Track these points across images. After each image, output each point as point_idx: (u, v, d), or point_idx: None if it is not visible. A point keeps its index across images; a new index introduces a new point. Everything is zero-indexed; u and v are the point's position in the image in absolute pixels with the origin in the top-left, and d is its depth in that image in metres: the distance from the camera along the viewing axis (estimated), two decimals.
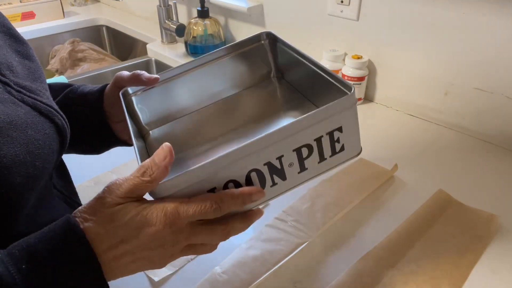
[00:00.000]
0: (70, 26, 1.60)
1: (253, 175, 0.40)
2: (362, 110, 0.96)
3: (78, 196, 0.55)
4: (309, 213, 0.62)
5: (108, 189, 0.37)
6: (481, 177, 0.72)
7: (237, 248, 0.57)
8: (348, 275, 0.53)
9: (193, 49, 1.23)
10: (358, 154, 0.45)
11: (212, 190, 0.39)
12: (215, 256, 0.56)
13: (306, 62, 0.50)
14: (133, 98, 0.55)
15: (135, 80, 0.52)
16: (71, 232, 0.34)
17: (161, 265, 0.39)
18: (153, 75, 0.52)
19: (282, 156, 0.40)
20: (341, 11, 0.94)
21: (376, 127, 0.89)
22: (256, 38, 0.58)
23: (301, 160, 0.42)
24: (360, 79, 0.94)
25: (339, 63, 0.97)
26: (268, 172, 0.41)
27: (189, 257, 0.57)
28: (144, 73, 0.52)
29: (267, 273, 0.53)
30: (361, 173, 0.72)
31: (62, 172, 0.54)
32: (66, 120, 0.46)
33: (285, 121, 0.54)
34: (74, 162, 0.58)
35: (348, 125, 0.42)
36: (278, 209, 0.64)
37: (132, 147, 0.57)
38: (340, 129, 0.42)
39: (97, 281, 0.35)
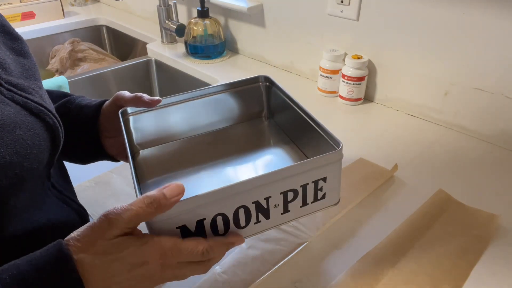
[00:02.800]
0: (70, 26, 1.60)
1: (241, 211, 0.43)
2: (362, 110, 0.96)
3: (76, 196, 0.55)
4: None
5: (106, 219, 0.36)
6: (481, 177, 0.72)
7: (237, 248, 0.57)
8: (348, 275, 0.53)
9: (193, 49, 1.23)
10: (336, 203, 0.49)
11: (202, 220, 0.41)
12: None
13: (298, 111, 0.54)
14: (130, 118, 0.57)
15: (137, 101, 0.53)
16: (63, 264, 0.34)
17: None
18: (156, 97, 0.53)
19: (270, 197, 0.43)
20: (341, 11, 0.94)
21: (376, 127, 0.89)
22: (254, 80, 0.63)
23: (286, 202, 0.45)
24: (360, 79, 0.94)
25: (339, 63, 0.97)
26: (255, 210, 0.43)
27: None
28: (146, 95, 0.53)
29: (267, 273, 0.53)
30: (361, 173, 0.72)
31: (61, 171, 0.54)
32: (59, 119, 0.45)
33: (269, 158, 0.58)
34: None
35: (332, 176, 0.46)
36: None
37: (119, 162, 0.61)
38: (324, 179, 0.46)
39: None
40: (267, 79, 0.62)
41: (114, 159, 0.60)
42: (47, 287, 0.33)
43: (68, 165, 0.57)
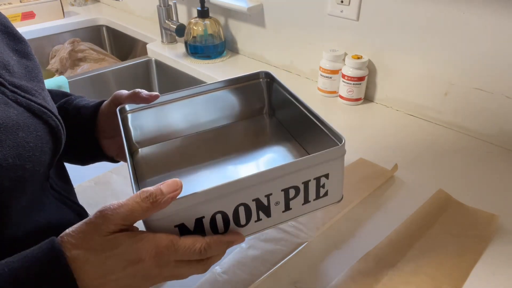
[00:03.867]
0: (70, 26, 1.60)
1: (241, 209, 0.42)
2: (362, 110, 0.96)
3: (76, 197, 0.55)
4: None
5: (101, 215, 0.35)
6: (481, 177, 0.72)
7: (237, 248, 0.57)
8: (348, 275, 0.53)
9: (193, 49, 1.23)
10: (339, 201, 0.48)
11: (201, 218, 0.40)
12: None
13: (300, 106, 0.54)
14: (129, 116, 0.56)
15: (135, 97, 0.52)
16: (54, 261, 0.34)
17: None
18: (153, 92, 0.52)
19: (271, 194, 0.42)
20: (341, 11, 0.94)
21: (376, 127, 0.89)
22: (255, 76, 0.62)
23: (287, 200, 0.44)
24: (360, 79, 0.94)
25: (339, 63, 0.97)
26: (255, 208, 0.42)
27: None
28: (144, 91, 0.53)
29: (267, 273, 0.53)
30: (361, 173, 0.72)
31: (61, 172, 0.54)
32: (61, 121, 0.45)
33: (270, 156, 0.58)
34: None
35: (335, 173, 0.45)
36: None
37: (119, 163, 0.61)
38: (327, 176, 0.44)
39: None
40: (267, 75, 0.61)
41: (113, 160, 0.60)
42: (39, 284, 0.33)
43: (68, 166, 0.57)
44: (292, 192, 0.44)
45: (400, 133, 0.86)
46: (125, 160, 0.59)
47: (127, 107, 0.55)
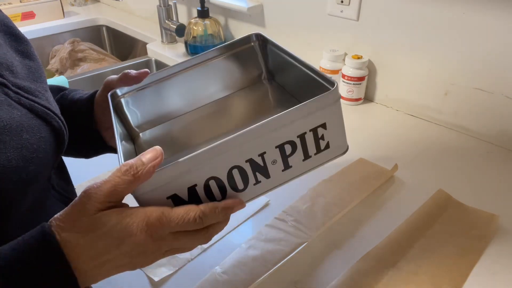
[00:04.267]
0: (70, 26, 1.60)
1: (235, 172, 0.39)
2: (362, 110, 0.96)
3: (77, 196, 0.55)
4: (309, 213, 0.62)
5: (86, 194, 0.35)
6: (481, 177, 0.72)
7: (237, 248, 0.57)
8: (348, 275, 0.53)
9: (193, 49, 1.23)
10: (345, 152, 0.45)
11: (193, 187, 0.39)
12: (215, 256, 0.56)
13: (294, 62, 0.50)
14: (122, 100, 0.54)
15: (125, 79, 0.51)
16: (46, 244, 0.33)
17: (143, 266, 0.39)
18: (142, 70, 0.50)
19: (265, 153, 0.40)
20: (341, 11, 0.94)
21: (376, 127, 0.89)
22: (246, 40, 0.57)
23: (284, 157, 0.41)
24: (360, 79, 0.94)
25: (339, 63, 0.97)
26: (251, 169, 0.40)
27: (189, 257, 0.57)
28: (132, 71, 0.51)
29: (267, 273, 0.53)
30: (361, 173, 0.72)
31: (62, 172, 0.53)
32: (64, 122, 0.45)
33: None
34: (73, 162, 0.59)
35: (333, 122, 0.41)
36: (278, 209, 0.64)
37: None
38: (324, 126, 0.41)
39: None
40: (259, 36, 0.57)
41: (116, 151, 0.59)
42: (31, 269, 0.33)
43: (68, 165, 0.57)
44: (288, 148, 0.40)
45: (400, 133, 0.86)
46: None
47: (119, 91, 0.53)
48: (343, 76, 0.95)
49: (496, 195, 0.67)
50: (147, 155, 0.36)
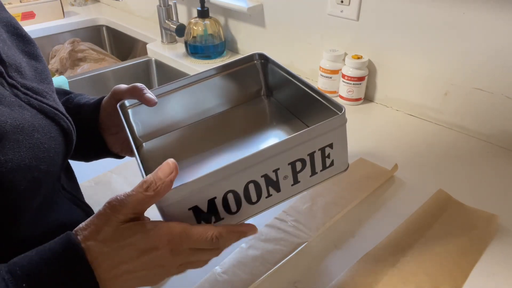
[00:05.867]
0: (70, 26, 1.60)
1: (251, 186, 0.42)
2: (362, 110, 0.96)
3: (83, 196, 0.55)
4: (309, 213, 0.63)
5: (110, 206, 0.36)
6: (481, 177, 0.72)
7: (237, 248, 0.57)
8: (348, 275, 0.53)
9: (193, 49, 1.23)
10: (346, 169, 0.49)
11: (213, 199, 0.41)
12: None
13: (297, 82, 0.54)
14: (129, 111, 0.56)
15: (133, 91, 0.52)
16: (72, 252, 0.34)
17: (156, 282, 0.40)
18: (154, 98, 0.52)
19: (278, 169, 0.43)
20: (341, 11, 0.94)
21: (376, 127, 0.89)
22: (249, 59, 0.61)
23: (294, 173, 0.44)
24: (360, 79, 0.94)
25: (339, 63, 0.97)
26: (265, 183, 0.43)
27: None
28: (145, 90, 0.52)
29: (267, 273, 0.53)
30: (361, 173, 0.72)
31: (69, 173, 0.54)
32: (72, 122, 0.45)
33: (274, 136, 0.58)
34: (74, 162, 0.58)
35: (338, 142, 0.46)
36: (278, 209, 0.64)
37: (122, 159, 0.61)
38: (331, 146, 0.45)
39: None
40: (261, 56, 0.61)
41: (118, 155, 0.59)
42: (57, 276, 0.34)
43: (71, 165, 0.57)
44: (299, 165, 0.44)
45: (400, 133, 0.86)
46: (130, 155, 0.59)
47: (127, 102, 0.55)
48: (343, 76, 0.95)
49: (496, 195, 0.67)
50: (164, 171, 0.38)
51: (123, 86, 0.54)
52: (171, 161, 0.38)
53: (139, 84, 0.52)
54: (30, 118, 0.39)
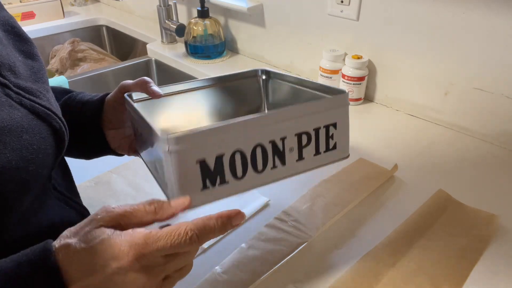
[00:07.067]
0: (70, 26, 1.60)
1: (258, 151, 0.43)
2: (362, 110, 0.96)
3: (79, 197, 0.55)
4: (309, 213, 0.63)
5: (103, 208, 0.35)
6: (481, 177, 0.72)
7: (237, 248, 0.57)
8: (348, 275, 0.53)
9: (193, 49, 1.23)
10: (347, 157, 0.51)
11: (221, 156, 0.41)
12: (215, 256, 0.56)
13: (301, 87, 0.56)
14: (135, 105, 0.56)
15: (142, 85, 0.52)
16: (42, 248, 0.33)
17: None
18: (159, 91, 0.52)
19: (285, 137, 0.44)
20: (341, 11, 0.94)
21: (376, 127, 0.89)
22: (253, 73, 0.63)
23: (300, 147, 0.46)
24: (360, 79, 0.94)
25: (339, 63, 0.97)
26: (272, 151, 0.44)
27: None
28: (151, 84, 0.52)
29: (267, 273, 0.53)
30: (361, 173, 0.72)
31: (65, 172, 0.54)
32: (65, 123, 0.45)
33: None
34: (74, 162, 0.58)
35: (342, 124, 0.48)
36: (278, 209, 0.64)
37: (121, 157, 0.61)
38: (335, 126, 0.48)
39: None
40: (264, 71, 0.62)
41: (117, 153, 0.59)
42: (22, 271, 0.32)
43: (69, 165, 0.57)
44: (304, 139, 0.46)
45: (400, 133, 0.86)
46: (126, 153, 0.59)
47: (134, 95, 0.56)
48: (343, 76, 0.95)
49: (496, 195, 0.67)
50: (177, 201, 0.37)
51: (130, 81, 0.54)
52: (188, 198, 0.38)
53: (146, 78, 0.53)
54: (19, 118, 0.39)
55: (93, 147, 0.59)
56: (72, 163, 0.57)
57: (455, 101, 0.84)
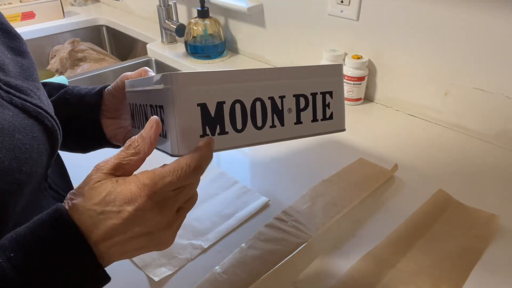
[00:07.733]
0: (70, 26, 1.60)
1: (258, 105, 0.44)
2: (362, 110, 0.96)
3: None
4: (309, 213, 0.63)
5: (95, 167, 0.36)
6: (481, 177, 0.72)
7: (237, 248, 0.57)
8: (348, 275, 0.53)
9: (193, 49, 1.23)
10: (342, 130, 0.51)
11: (222, 104, 0.41)
12: (215, 256, 0.56)
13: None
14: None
15: (142, 75, 0.52)
16: (56, 214, 0.34)
17: (166, 243, 0.37)
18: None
19: (284, 96, 0.45)
20: (341, 11, 0.94)
21: (376, 127, 0.89)
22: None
23: (298, 109, 0.47)
24: (360, 79, 0.94)
25: (339, 63, 0.96)
26: (271, 108, 0.45)
27: (189, 257, 0.57)
28: (151, 73, 0.52)
29: (267, 273, 0.53)
30: (361, 173, 0.72)
31: (61, 171, 0.53)
32: (57, 121, 0.44)
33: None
34: (73, 161, 0.58)
35: (337, 94, 0.49)
36: (278, 209, 0.64)
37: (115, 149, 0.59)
38: (331, 94, 0.49)
39: (88, 262, 0.34)
40: None
41: (113, 145, 0.59)
42: (43, 240, 0.33)
43: (67, 165, 0.57)
44: (302, 102, 0.47)
45: (400, 133, 0.86)
46: (120, 142, 0.58)
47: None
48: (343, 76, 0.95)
49: (496, 195, 0.67)
50: (146, 128, 0.37)
51: (130, 73, 0.54)
52: (152, 117, 0.37)
53: (146, 67, 0.53)
54: (11, 118, 0.38)
55: (90, 139, 0.58)
56: (68, 161, 0.57)
57: (455, 101, 0.84)
